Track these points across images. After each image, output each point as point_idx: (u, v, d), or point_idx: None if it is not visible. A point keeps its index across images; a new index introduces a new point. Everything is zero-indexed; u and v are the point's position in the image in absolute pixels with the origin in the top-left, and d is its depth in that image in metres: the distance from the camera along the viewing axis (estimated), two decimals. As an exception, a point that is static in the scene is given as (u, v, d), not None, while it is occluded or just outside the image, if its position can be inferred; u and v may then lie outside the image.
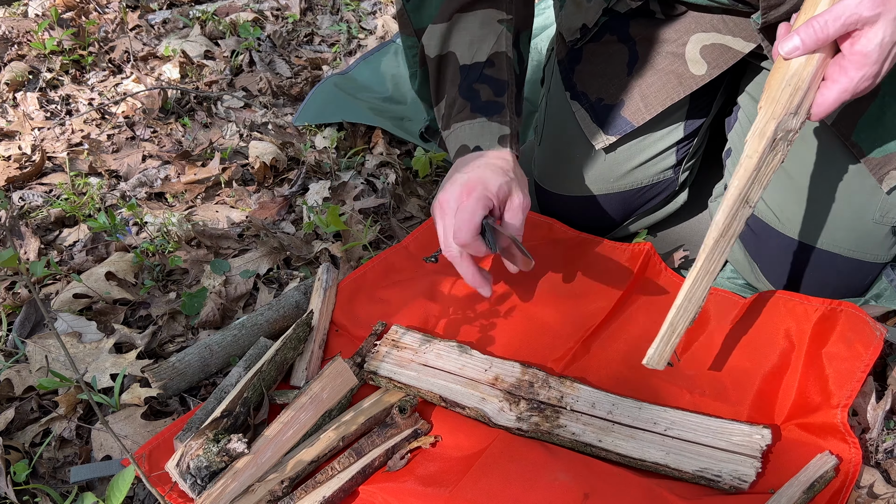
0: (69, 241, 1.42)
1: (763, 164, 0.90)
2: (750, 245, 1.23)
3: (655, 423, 0.98)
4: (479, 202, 1.01)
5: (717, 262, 0.94)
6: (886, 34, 0.78)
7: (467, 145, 1.11)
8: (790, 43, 0.83)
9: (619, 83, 1.27)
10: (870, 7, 0.77)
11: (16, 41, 2.08)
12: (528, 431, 0.98)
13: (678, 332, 0.95)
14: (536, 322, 1.16)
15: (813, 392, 1.01)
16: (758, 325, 1.11)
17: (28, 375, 1.11)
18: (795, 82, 0.86)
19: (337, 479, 0.92)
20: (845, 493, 0.89)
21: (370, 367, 1.07)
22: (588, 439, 0.97)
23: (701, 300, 0.95)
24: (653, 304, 1.20)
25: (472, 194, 1.02)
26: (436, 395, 1.03)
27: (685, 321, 0.95)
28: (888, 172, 1.07)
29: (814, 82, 0.85)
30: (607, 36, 1.27)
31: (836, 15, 0.79)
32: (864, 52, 0.80)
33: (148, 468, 0.94)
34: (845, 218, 1.11)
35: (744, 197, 0.91)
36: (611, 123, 1.27)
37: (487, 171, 1.04)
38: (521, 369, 1.06)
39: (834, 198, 1.10)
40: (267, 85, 1.93)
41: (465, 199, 1.02)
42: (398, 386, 1.05)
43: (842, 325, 1.05)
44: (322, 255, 1.36)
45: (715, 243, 0.93)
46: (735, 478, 0.91)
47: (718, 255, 0.94)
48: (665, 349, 0.96)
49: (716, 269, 0.95)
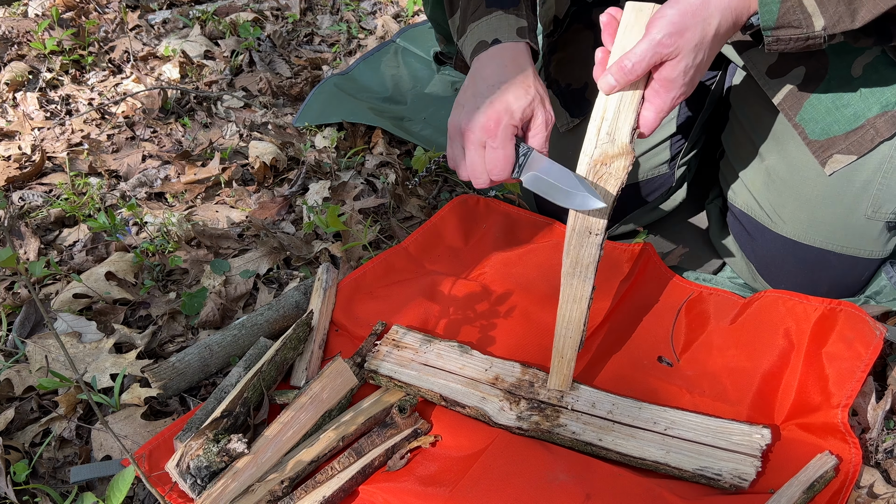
0: (69, 241, 1.42)
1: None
2: (745, 245, 1.24)
3: (655, 423, 0.98)
4: (508, 136, 0.98)
5: (580, 288, 0.97)
6: (688, 62, 0.89)
7: (485, 40, 1.08)
8: (605, 80, 0.91)
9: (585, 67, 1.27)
10: (668, 44, 0.87)
11: (16, 41, 2.08)
12: (528, 430, 0.98)
13: (568, 357, 1.01)
14: (536, 322, 1.16)
15: (813, 392, 1.01)
16: (757, 324, 1.11)
17: (28, 375, 1.11)
18: (600, 115, 0.93)
19: (337, 478, 0.92)
20: (845, 493, 0.89)
21: (371, 366, 1.07)
22: (588, 438, 0.97)
23: (580, 324, 0.99)
24: (652, 304, 1.20)
25: (499, 125, 0.98)
26: (436, 395, 1.03)
27: (572, 346, 1.00)
28: (831, 156, 1.08)
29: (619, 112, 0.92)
30: (575, 25, 1.31)
31: (640, 57, 0.88)
32: (671, 78, 0.90)
33: (148, 468, 0.94)
34: (837, 215, 1.11)
35: (585, 228, 0.94)
36: (576, 105, 1.28)
37: (510, 92, 1.00)
38: (521, 369, 1.06)
39: (825, 195, 1.10)
40: (267, 85, 1.93)
41: (491, 129, 0.98)
42: (399, 385, 1.05)
43: (841, 325, 1.05)
44: (322, 255, 1.36)
45: (569, 276, 0.97)
46: (735, 476, 0.91)
47: (580, 283, 0.97)
48: (563, 374, 1.02)
49: (583, 295, 0.97)
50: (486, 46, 1.07)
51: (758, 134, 1.18)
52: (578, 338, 0.99)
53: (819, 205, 1.11)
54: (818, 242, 1.13)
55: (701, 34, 0.87)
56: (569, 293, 0.98)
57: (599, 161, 0.92)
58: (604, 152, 0.92)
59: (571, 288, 0.97)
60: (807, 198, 1.12)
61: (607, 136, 0.92)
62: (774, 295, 1.13)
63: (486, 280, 1.24)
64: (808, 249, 1.14)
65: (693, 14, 0.87)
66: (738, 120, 1.23)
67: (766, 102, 1.14)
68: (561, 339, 1.00)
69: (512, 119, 0.98)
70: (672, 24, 0.87)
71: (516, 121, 0.98)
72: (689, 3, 0.87)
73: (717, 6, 0.88)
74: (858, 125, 1.06)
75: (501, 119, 0.98)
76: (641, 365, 1.11)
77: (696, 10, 0.87)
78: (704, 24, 0.87)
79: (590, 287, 0.97)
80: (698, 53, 0.88)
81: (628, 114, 0.92)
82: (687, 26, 0.87)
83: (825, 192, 1.10)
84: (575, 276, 0.96)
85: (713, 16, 0.87)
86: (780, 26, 0.89)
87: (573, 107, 1.29)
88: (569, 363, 1.01)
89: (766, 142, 1.16)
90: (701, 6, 0.87)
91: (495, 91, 1.00)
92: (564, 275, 0.97)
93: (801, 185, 1.12)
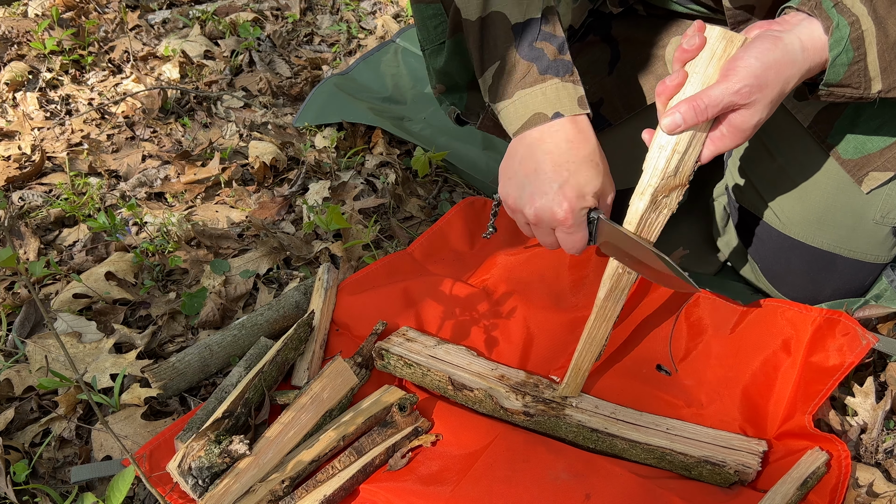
0: (69, 241, 1.42)
1: (645, 222, 0.94)
2: (750, 245, 1.23)
3: (657, 425, 0.99)
4: (582, 221, 0.96)
5: (612, 310, 0.99)
6: (762, 116, 0.86)
7: (544, 113, 0.99)
8: (671, 119, 0.87)
9: (600, 81, 1.27)
10: (747, 96, 0.84)
11: (16, 41, 2.08)
12: (534, 416, 1.00)
13: (584, 368, 1.02)
14: (537, 330, 1.16)
15: (798, 401, 1.01)
16: (757, 334, 1.10)
17: (28, 375, 1.11)
18: (672, 147, 0.90)
19: (338, 478, 0.92)
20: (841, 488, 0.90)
21: (382, 346, 1.09)
22: (595, 425, 0.98)
23: (603, 340, 1.01)
24: (652, 309, 1.19)
25: (572, 213, 0.95)
26: (444, 376, 1.04)
27: (590, 359, 1.02)
28: (867, 174, 1.07)
29: (689, 147, 0.90)
30: (591, 36, 1.28)
31: (716, 102, 0.85)
32: (742, 129, 0.87)
33: (149, 468, 0.94)
34: (846, 219, 1.11)
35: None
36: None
37: (580, 174, 0.96)
38: (525, 374, 1.08)
39: (834, 199, 1.10)
40: (267, 85, 1.93)
41: (564, 219, 0.96)
42: (408, 363, 1.06)
43: (835, 336, 1.04)
44: (322, 255, 1.36)
45: (605, 299, 0.98)
46: (740, 463, 0.92)
47: (613, 305, 0.99)
48: (576, 381, 1.03)
49: (613, 316, 0.99)
50: (545, 119, 0.98)
51: (768, 134, 1.17)
52: (598, 351, 1.02)
53: (828, 208, 1.11)
54: (825, 245, 1.13)
55: (779, 92, 0.85)
56: (601, 314, 0.99)
57: (661, 192, 0.92)
58: (667, 184, 0.92)
59: (604, 310, 0.99)
60: (816, 200, 1.11)
61: (674, 169, 0.91)
62: (774, 304, 1.12)
63: (490, 284, 1.24)
64: (814, 251, 1.14)
65: (778, 70, 0.84)
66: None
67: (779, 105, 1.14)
68: (583, 352, 1.01)
69: (584, 203, 0.96)
70: (755, 77, 0.83)
71: (588, 203, 0.96)
72: (776, 59, 0.84)
73: (801, 66, 0.85)
74: (893, 141, 1.05)
75: (574, 206, 0.95)
76: (640, 373, 1.10)
77: (782, 68, 0.84)
78: (784, 83, 0.85)
79: (620, 308, 0.99)
80: (771, 109, 0.87)
81: (696, 148, 0.90)
82: (769, 82, 0.84)
83: (835, 196, 1.10)
84: (610, 300, 0.98)
85: (795, 76, 0.85)
86: (841, 85, 0.89)
87: None
88: (584, 374, 1.03)
89: (777, 142, 1.15)
90: (787, 64, 0.84)
91: (567, 172, 0.95)
92: (600, 298, 0.98)
93: (811, 188, 1.11)
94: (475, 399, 1.03)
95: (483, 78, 1.06)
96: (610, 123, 1.26)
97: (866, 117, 1.06)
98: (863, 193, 1.08)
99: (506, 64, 1.02)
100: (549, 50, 1.01)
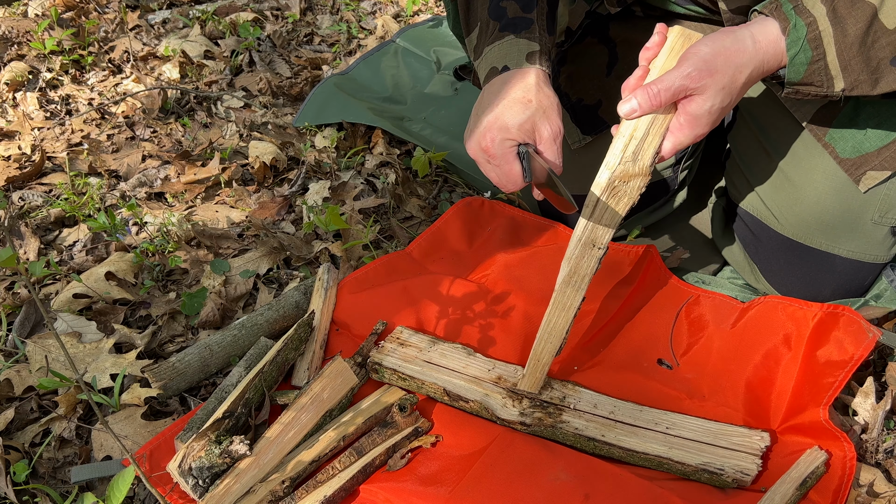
0: (69, 241, 1.42)
1: (604, 209, 0.94)
2: (749, 246, 1.23)
3: (657, 424, 0.98)
4: (507, 152, 0.98)
5: (572, 297, 0.98)
6: (715, 103, 0.89)
7: (496, 67, 1.05)
8: (629, 105, 0.91)
9: (599, 84, 1.28)
10: (696, 79, 0.87)
11: (16, 41, 2.08)
12: (531, 426, 0.99)
13: (543, 361, 1.01)
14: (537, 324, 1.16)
15: (804, 394, 1.01)
16: (758, 329, 1.11)
17: (28, 375, 1.11)
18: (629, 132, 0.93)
19: (338, 478, 0.92)
20: (845, 489, 0.90)
21: (375, 359, 1.07)
22: (591, 434, 0.97)
23: (563, 332, 0.99)
24: (653, 307, 1.19)
25: (493, 143, 0.98)
26: (439, 388, 1.03)
27: (550, 352, 1.00)
28: (865, 172, 1.08)
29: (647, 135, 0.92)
30: (589, 38, 1.29)
31: (667, 86, 0.88)
32: (697, 115, 0.90)
33: (149, 468, 0.94)
34: (844, 219, 1.11)
35: (590, 240, 0.95)
36: (588, 124, 1.28)
37: (506, 109, 0.98)
38: (523, 370, 1.06)
39: (832, 199, 1.10)
40: (267, 85, 1.93)
41: (488, 148, 0.99)
42: (402, 377, 1.05)
43: (838, 329, 1.05)
44: (322, 255, 1.36)
45: (564, 284, 0.97)
46: (738, 471, 0.91)
47: (573, 292, 0.98)
48: (536, 377, 1.02)
49: (573, 305, 0.98)
50: (496, 73, 1.05)
51: (767, 135, 1.17)
52: (558, 345, 1.00)
53: (826, 208, 1.11)
54: (824, 245, 1.13)
55: (730, 78, 0.88)
56: (560, 300, 0.98)
57: (619, 177, 0.93)
58: (625, 170, 0.93)
59: (563, 296, 0.98)
60: (814, 200, 1.12)
61: (632, 154, 0.93)
62: (775, 300, 1.12)
63: (489, 282, 1.24)
64: (813, 252, 1.14)
65: (727, 57, 0.88)
66: (747, 121, 1.23)
67: (777, 105, 1.14)
68: (542, 343, 1.00)
69: (507, 134, 0.98)
70: (704, 62, 0.87)
71: (513, 136, 0.98)
72: (725, 46, 0.88)
73: (751, 56, 0.89)
74: (891, 140, 1.06)
75: (495, 137, 0.98)
76: (641, 367, 1.11)
77: (731, 55, 0.88)
78: (735, 71, 0.88)
79: (580, 298, 0.98)
80: (725, 97, 0.89)
81: (656, 138, 0.92)
82: (718, 67, 0.87)
83: (833, 196, 1.10)
84: (570, 286, 0.97)
85: (746, 65, 0.88)
86: (803, 83, 0.92)
87: (585, 124, 1.28)
88: (543, 367, 1.01)
89: (776, 143, 1.15)
90: (736, 52, 0.88)
91: (493, 109, 0.99)
92: (560, 282, 0.97)
93: (809, 188, 1.12)
94: (471, 409, 1.03)
95: (468, 39, 1.14)
96: (608, 125, 1.26)
97: (864, 116, 1.07)
98: (861, 194, 1.08)
99: (480, 24, 1.10)
100: (511, 8, 1.07)
